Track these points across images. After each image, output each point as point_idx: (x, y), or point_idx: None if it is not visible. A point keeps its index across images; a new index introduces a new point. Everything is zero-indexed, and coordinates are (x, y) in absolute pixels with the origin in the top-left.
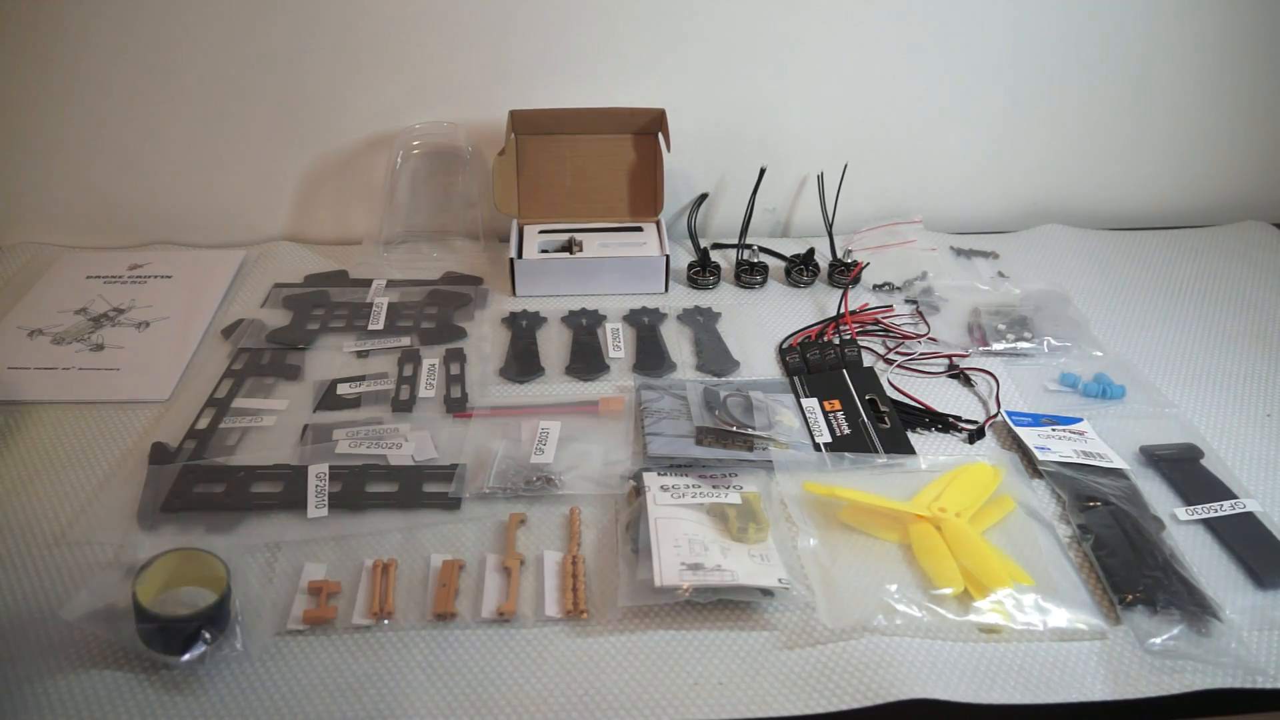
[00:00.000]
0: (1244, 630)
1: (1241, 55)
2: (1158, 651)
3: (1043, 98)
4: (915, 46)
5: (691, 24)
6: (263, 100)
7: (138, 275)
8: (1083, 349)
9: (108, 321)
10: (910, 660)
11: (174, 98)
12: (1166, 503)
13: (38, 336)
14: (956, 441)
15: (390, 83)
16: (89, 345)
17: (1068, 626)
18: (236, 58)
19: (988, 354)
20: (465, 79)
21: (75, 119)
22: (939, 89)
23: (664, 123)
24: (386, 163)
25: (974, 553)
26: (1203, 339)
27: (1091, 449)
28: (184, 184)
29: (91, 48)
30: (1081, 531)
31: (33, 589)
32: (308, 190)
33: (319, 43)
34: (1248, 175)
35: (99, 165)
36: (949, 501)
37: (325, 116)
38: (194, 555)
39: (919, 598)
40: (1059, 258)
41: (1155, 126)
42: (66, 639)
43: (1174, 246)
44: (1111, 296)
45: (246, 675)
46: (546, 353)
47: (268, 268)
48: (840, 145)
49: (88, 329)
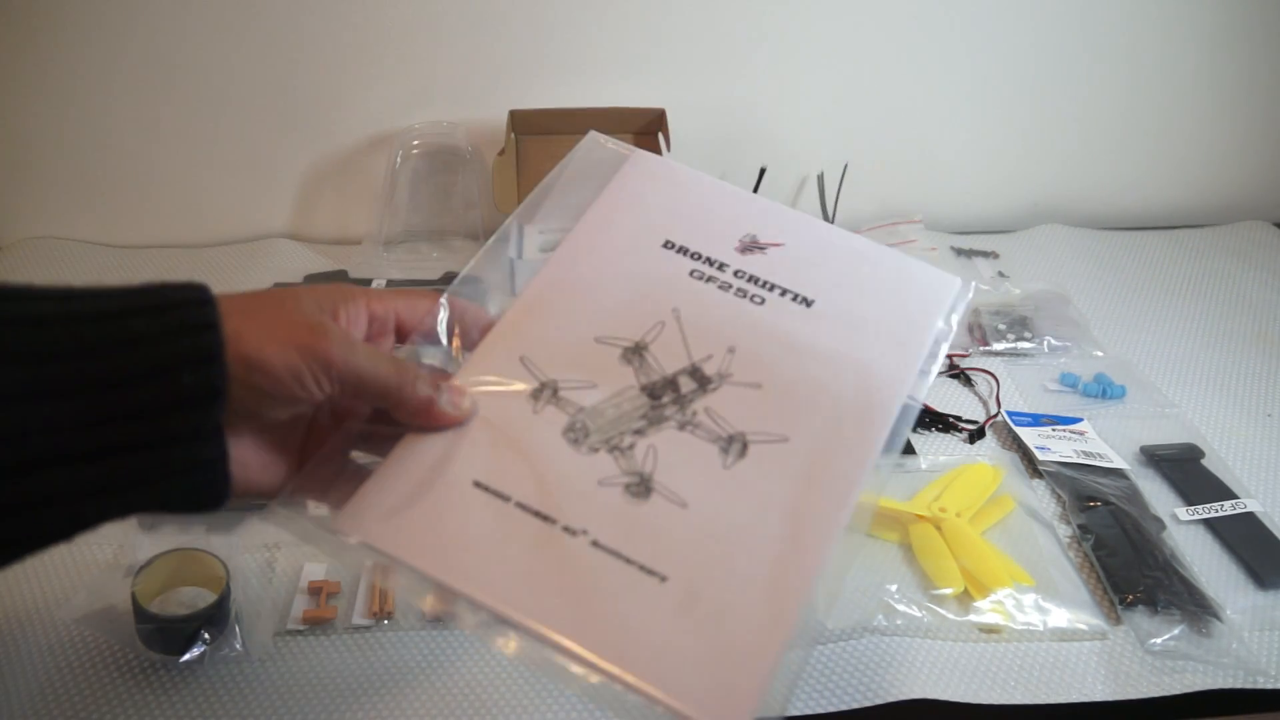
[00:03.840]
0: (1245, 631)
1: (1243, 54)
2: (1158, 652)
3: (1043, 98)
4: (916, 46)
5: (692, 24)
6: (263, 99)
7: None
8: (1083, 349)
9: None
10: (910, 660)
11: (173, 96)
12: (1167, 503)
13: None
14: (956, 441)
15: (390, 82)
16: None
17: (1068, 626)
18: (237, 56)
19: (988, 354)
20: (465, 79)
21: (75, 117)
22: (939, 89)
23: (664, 123)
24: (386, 162)
25: (974, 553)
26: (1203, 339)
27: (1092, 449)
28: (183, 182)
29: (91, 45)
30: (1082, 531)
31: (31, 589)
32: (307, 189)
33: (319, 42)
34: (1249, 175)
35: (99, 163)
36: (949, 501)
37: (325, 116)
38: (193, 555)
39: (919, 598)
40: (1059, 258)
41: (1156, 126)
42: (65, 639)
43: (1175, 246)
44: (1112, 296)
45: (246, 675)
46: None
47: (267, 267)
48: (841, 145)
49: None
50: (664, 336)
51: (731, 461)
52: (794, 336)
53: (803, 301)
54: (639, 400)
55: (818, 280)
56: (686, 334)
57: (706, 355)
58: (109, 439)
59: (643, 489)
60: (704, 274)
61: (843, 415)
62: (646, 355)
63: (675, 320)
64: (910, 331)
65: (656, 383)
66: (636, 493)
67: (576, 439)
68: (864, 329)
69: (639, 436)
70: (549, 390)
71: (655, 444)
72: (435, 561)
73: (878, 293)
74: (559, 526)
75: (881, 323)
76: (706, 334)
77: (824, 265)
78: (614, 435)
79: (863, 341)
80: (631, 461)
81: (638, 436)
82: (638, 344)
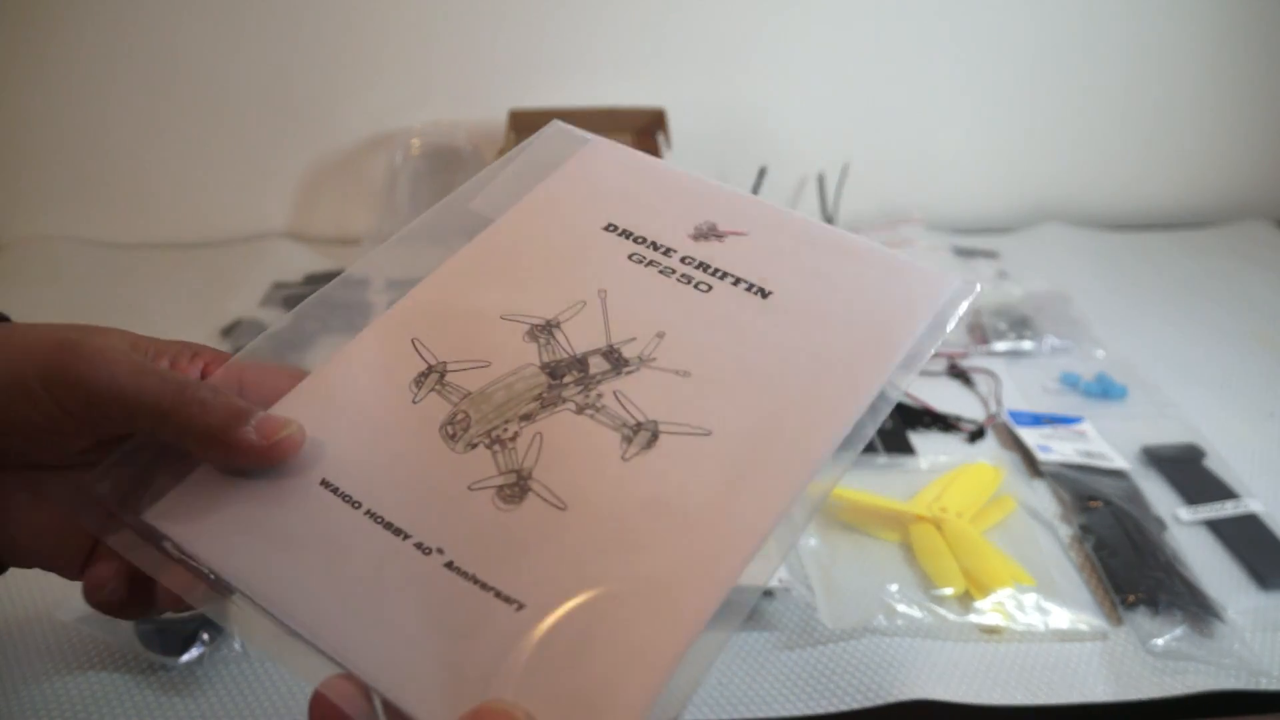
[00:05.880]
0: (1247, 631)
1: (1245, 53)
2: (1160, 652)
3: (1045, 97)
4: (916, 46)
5: (692, 24)
6: (263, 98)
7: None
8: (1084, 348)
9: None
10: (911, 660)
11: (173, 94)
12: (1168, 503)
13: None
14: (957, 441)
15: (390, 82)
16: None
17: (1069, 627)
18: (237, 55)
19: (989, 353)
20: (465, 79)
21: (74, 115)
22: (940, 88)
23: (664, 122)
24: (386, 162)
25: (975, 553)
26: (1205, 339)
27: (1093, 449)
28: (183, 180)
29: (91, 43)
30: (1083, 532)
31: (29, 589)
32: (307, 189)
33: (319, 42)
34: (1251, 175)
35: (98, 162)
36: (949, 501)
37: (325, 115)
38: None
39: (920, 598)
40: (1060, 257)
41: (1157, 125)
42: (63, 639)
43: (1176, 246)
44: (1113, 296)
45: (245, 676)
46: None
47: (267, 266)
48: (841, 145)
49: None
50: (581, 316)
51: (632, 453)
52: (740, 327)
53: (758, 292)
54: (535, 379)
55: (780, 272)
56: (609, 315)
57: (629, 338)
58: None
59: (517, 491)
60: (644, 258)
61: (784, 414)
62: (556, 334)
63: (599, 300)
64: (886, 331)
65: (561, 361)
66: (509, 496)
67: (454, 433)
68: (828, 325)
69: (526, 422)
70: (435, 375)
71: (542, 431)
72: (240, 564)
73: (852, 289)
74: (411, 542)
75: (851, 320)
76: (633, 317)
77: (791, 257)
78: (498, 424)
79: (824, 338)
80: (511, 457)
81: (525, 423)
82: (549, 322)
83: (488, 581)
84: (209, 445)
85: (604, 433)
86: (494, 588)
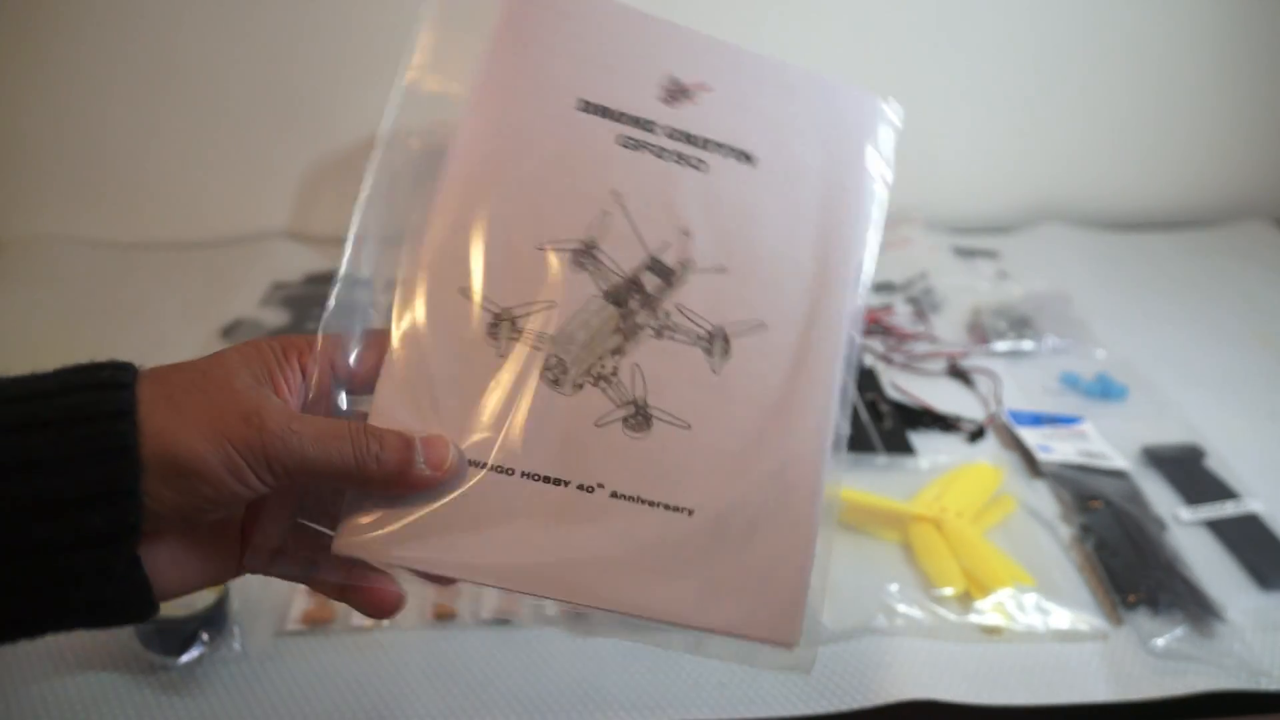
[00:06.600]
0: (1247, 631)
1: (1245, 53)
2: (1160, 653)
3: (1044, 97)
4: (916, 45)
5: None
6: (262, 98)
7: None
8: (1084, 348)
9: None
10: (911, 660)
11: (173, 94)
12: (1169, 503)
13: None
14: (957, 441)
15: (390, 82)
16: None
17: (1069, 627)
18: (237, 55)
19: (989, 353)
20: None
21: (74, 115)
22: (939, 88)
23: None
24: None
25: (975, 553)
26: (1205, 339)
27: (1093, 449)
28: (183, 180)
29: (91, 43)
30: (1083, 532)
31: None
32: (307, 189)
33: (319, 42)
34: (1251, 175)
35: (98, 162)
36: (950, 501)
37: (325, 116)
38: None
39: (920, 598)
40: (1061, 257)
41: (1157, 125)
42: (63, 640)
43: (1177, 246)
44: (1113, 296)
45: (245, 676)
46: None
47: (267, 266)
48: None
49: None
50: (612, 229)
51: (719, 363)
52: (744, 204)
53: (744, 158)
54: (606, 312)
55: (751, 128)
56: (635, 221)
57: (663, 243)
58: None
59: (641, 420)
60: (635, 139)
61: (806, 286)
62: (599, 255)
63: (619, 205)
64: (848, 174)
65: (619, 286)
66: (636, 425)
67: (556, 379)
68: (804, 181)
69: (619, 357)
70: (507, 324)
71: (638, 361)
72: (454, 560)
73: (808, 129)
74: (573, 486)
75: (820, 169)
76: (656, 217)
77: (754, 106)
78: (593, 362)
79: (806, 197)
80: (621, 390)
81: (618, 357)
82: (586, 244)
83: (654, 499)
84: (387, 489)
85: (687, 351)
86: (661, 503)
